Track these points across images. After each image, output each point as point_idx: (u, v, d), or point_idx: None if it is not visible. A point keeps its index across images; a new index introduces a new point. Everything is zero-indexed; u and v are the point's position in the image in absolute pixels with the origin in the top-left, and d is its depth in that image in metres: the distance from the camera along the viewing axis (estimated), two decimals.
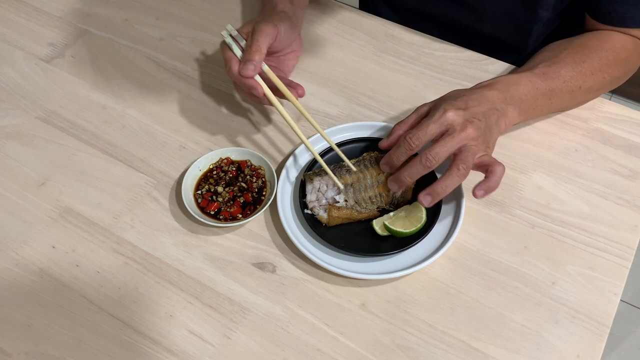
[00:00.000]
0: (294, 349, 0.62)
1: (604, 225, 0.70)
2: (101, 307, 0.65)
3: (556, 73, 0.73)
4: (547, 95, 0.73)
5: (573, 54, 0.75)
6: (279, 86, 0.71)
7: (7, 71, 0.88)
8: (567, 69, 0.74)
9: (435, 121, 0.64)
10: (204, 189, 0.73)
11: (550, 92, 0.73)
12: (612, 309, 0.64)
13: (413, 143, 0.65)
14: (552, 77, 0.73)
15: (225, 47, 0.71)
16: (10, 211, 0.73)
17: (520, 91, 0.71)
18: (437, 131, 0.64)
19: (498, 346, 0.62)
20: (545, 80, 0.73)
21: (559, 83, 0.73)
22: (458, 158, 0.64)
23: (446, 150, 0.64)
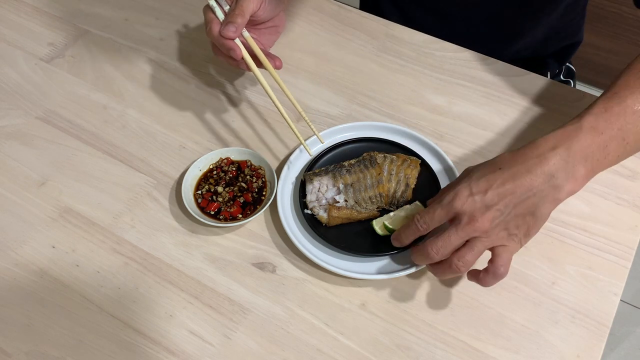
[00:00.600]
0: (294, 349, 0.62)
1: (604, 225, 0.70)
2: (101, 307, 0.65)
3: (621, 104, 0.59)
4: (618, 137, 0.58)
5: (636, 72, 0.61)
6: (258, 54, 0.71)
7: (7, 71, 0.88)
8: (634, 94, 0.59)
9: (443, 206, 0.58)
10: (204, 189, 0.73)
11: (621, 131, 0.58)
12: (612, 309, 0.64)
13: (421, 226, 0.60)
14: (617, 112, 0.59)
15: (208, 9, 0.71)
16: (10, 211, 0.73)
17: (582, 144, 0.57)
18: (444, 217, 0.59)
19: (498, 346, 0.62)
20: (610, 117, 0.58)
21: (628, 116, 0.59)
22: (458, 251, 0.58)
23: (449, 245, 0.58)
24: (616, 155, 0.59)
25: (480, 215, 0.56)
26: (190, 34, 0.92)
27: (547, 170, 0.56)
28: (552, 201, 0.57)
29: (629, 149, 0.60)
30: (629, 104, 0.59)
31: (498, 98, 0.82)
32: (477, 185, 0.57)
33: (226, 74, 0.87)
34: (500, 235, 0.57)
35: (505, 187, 0.56)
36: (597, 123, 0.58)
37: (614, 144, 0.58)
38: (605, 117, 0.58)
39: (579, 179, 0.57)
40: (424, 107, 0.82)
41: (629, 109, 0.59)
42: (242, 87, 0.85)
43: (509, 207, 0.56)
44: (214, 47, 0.73)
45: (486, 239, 0.57)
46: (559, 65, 1.04)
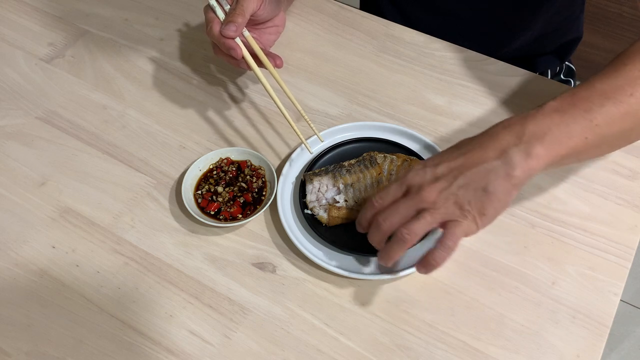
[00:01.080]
0: (294, 349, 0.62)
1: (604, 225, 0.70)
2: (101, 307, 0.65)
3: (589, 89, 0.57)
4: (583, 118, 0.55)
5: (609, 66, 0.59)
6: (258, 53, 0.71)
7: (7, 71, 0.88)
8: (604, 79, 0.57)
9: (396, 181, 0.58)
10: (204, 189, 0.73)
11: (587, 112, 0.55)
12: (612, 309, 0.64)
13: (376, 202, 0.59)
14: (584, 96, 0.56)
15: (208, 9, 0.72)
16: (10, 211, 0.73)
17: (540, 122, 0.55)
18: (398, 191, 0.58)
19: (498, 346, 0.62)
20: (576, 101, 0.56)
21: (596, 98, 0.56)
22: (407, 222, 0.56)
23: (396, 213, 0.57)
24: (583, 137, 0.55)
25: (427, 185, 0.55)
26: (190, 34, 0.92)
27: (498, 145, 0.55)
28: (504, 177, 0.54)
29: (602, 135, 0.56)
30: (597, 87, 0.56)
31: (498, 98, 0.82)
32: (431, 161, 0.57)
33: (226, 74, 0.87)
34: (450, 209, 0.55)
35: (456, 160, 0.56)
36: (561, 105, 0.56)
37: (579, 125, 0.55)
38: (570, 100, 0.56)
39: (536, 157, 0.54)
40: (424, 107, 0.82)
41: (597, 92, 0.56)
42: (242, 87, 0.85)
43: (458, 180, 0.55)
44: (214, 47, 0.74)
45: (435, 211, 0.55)
46: (560, 63, 1.04)
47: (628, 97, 0.56)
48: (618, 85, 0.56)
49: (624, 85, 0.56)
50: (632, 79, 0.57)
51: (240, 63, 0.72)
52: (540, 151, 0.54)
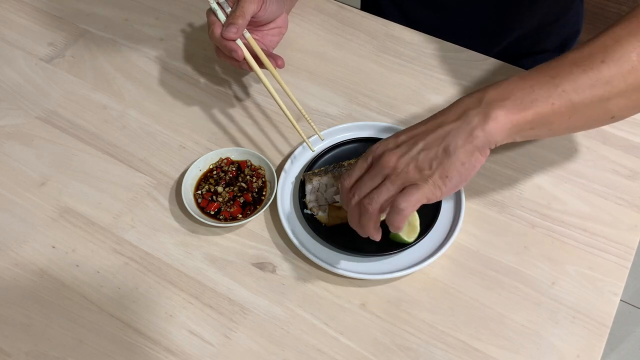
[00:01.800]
0: (294, 349, 0.62)
1: (604, 225, 0.70)
2: (101, 307, 0.65)
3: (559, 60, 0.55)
4: (549, 83, 0.53)
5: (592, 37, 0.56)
6: (259, 54, 0.72)
7: (7, 71, 0.88)
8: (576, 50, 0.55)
9: (363, 155, 0.59)
10: (204, 189, 0.73)
11: (553, 78, 0.54)
12: (612, 309, 0.64)
13: (345, 181, 0.59)
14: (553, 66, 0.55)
15: (210, 12, 0.72)
16: (10, 211, 0.73)
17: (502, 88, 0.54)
18: (363, 164, 0.58)
19: (498, 346, 0.62)
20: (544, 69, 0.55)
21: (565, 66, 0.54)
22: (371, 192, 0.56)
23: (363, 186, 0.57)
24: (549, 102, 0.53)
25: (388, 152, 0.56)
26: (190, 34, 0.92)
27: (459, 110, 0.55)
28: (465, 138, 0.53)
29: (569, 99, 0.53)
30: (568, 57, 0.54)
31: None
32: (394, 135, 0.58)
33: (226, 74, 0.87)
34: (411, 174, 0.54)
35: (418, 128, 0.57)
36: (527, 73, 0.55)
37: (544, 90, 0.53)
38: (537, 69, 0.55)
39: (495, 119, 0.53)
40: (424, 107, 0.82)
41: (567, 60, 0.54)
42: (242, 87, 0.85)
43: (418, 144, 0.55)
44: (217, 49, 0.74)
45: (396, 177, 0.55)
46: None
47: (599, 64, 0.53)
48: (589, 52, 0.54)
49: (595, 53, 0.54)
50: (604, 46, 0.54)
51: (242, 64, 0.72)
52: (500, 113, 0.53)
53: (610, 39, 0.54)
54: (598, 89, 0.54)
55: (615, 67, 0.53)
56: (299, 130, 0.72)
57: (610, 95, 0.54)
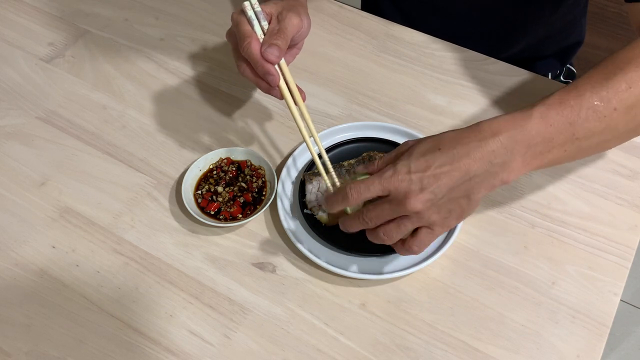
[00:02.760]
0: (294, 349, 0.62)
1: (604, 225, 0.70)
2: (101, 307, 0.65)
3: (578, 98, 0.56)
4: (567, 132, 0.56)
5: (602, 68, 0.58)
6: (290, 83, 0.67)
7: (7, 71, 0.88)
8: (594, 88, 0.56)
9: (381, 181, 0.56)
10: (204, 189, 0.73)
11: (571, 125, 0.55)
12: (612, 309, 0.64)
13: (351, 195, 0.57)
14: (572, 105, 0.56)
15: (244, 19, 0.65)
16: (10, 211, 0.73)
17: (528, 132, 0.55)
18: (379, 192, 0.57)
19: (498, 346, 0.62)
20: (563, 110, 0.56)
21: (582, 111, 0.56)
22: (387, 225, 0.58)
23: (381, 219, 0.57)
24: (562, 150, 0.57)
25: (414, 196, 0.55)
26: (190, 34, 0.92)
27: (486, 156, 0.55)
28: (487, 187, 0.56)
29: (579, 147, 0.57)
30: (586, 97, 0.56)
31: (498, 98, 0.82)
32: (416, 165, 0.56)
33: (226, 74, 0.87)
34: (432, 219, 0.56)
35: (442, 169, 0.55)
36: (548, 113, 0.55)
37: (561, 138, 0.56)
38: (558, 109, 0.56)
39: (515, 169, 0.56)
40: (424, 107, 0.82)
41: (585, 103, 0.56)
42: (242, 87, 0.85)
43: (443, 191, 0.55)
44: (244, 64, 0.66)
45: (417, 220, 0.56)
46: (560, 66, 1.04)
47: (611, 112, 0.56)
48: (605, 97, 0.56)
49: (610, 99, 0.56)
50: (618, 91, 0.56)
51: (272, 90, 0.66)
52: (522, 163, 0.56)
53: (625, 83, 0.56)
54: (606, 135, 0.57)
55: (623, 115, 0.56)
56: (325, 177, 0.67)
57: (612, 138, 0.59)
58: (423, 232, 0.58)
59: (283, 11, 0.67)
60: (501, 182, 0.56)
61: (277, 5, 0.68)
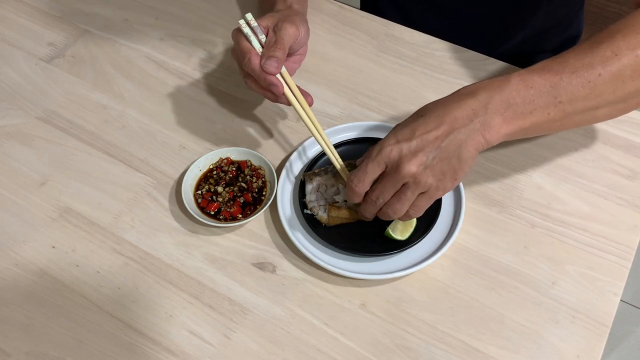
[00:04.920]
0: (294, 349, 0.62)
1: (604, 225, 0.70)
2: (101, 307, 0.65)
3: (562, 64, 0.57)
4: (549, 94, 0.56)
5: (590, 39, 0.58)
6: (293, 89, 0.69)
7: (7, 71, 0.88)
8: (578, 55, 0.57)
9: (372, 159, 0.59)
10: (204, 189, 0.73)
11: (553, 88, 0.56)
12: (612, 309, 0.64)
13: (356, 186, 0.60)
14: (555, 70, 0.57)
15: (242, 37, 0.68)
16: (10, 211, 0.73)
17: (507, 92, 0.56)
18: (376, 169, 0.59)
19: (498, 346, 0.62)
20: (546, 74, 0.57)
21: (565, 75, 0.56)
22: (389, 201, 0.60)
23: (385, 194, 0.60)
24: (546, 113, 0.57)
25: (407, 160, 0.57)
26: (190, 34, 0.92)
27: (466, 113, 0.57)
28: (474, 145, 0.57)
29: (564, 111, 0.57)
30: (570, 63, 0.57)
31: None
32: (402, 134, 0.58)
33: (226, 74, 0.87)
34: (429, 182, 0.58)
35: (427, 131, 0.57)
36: (529, 76, 0.57)
37: (543, 100, 0.56)
38: (539, 72, 0.57)
39: (495, 127, 0.57)
40: None
41: (568, 68, 0.56)
42: (242, 87, 0.85)
43: (434, 151, 0.57)
44: (249, 79, 0.69)
45: (415, 186, 0.58)
46: None
47: (596, 77, 0.56)
48: (589, 63, 0.56)
49: (595, 64, 0.56)
50: (603, 58, 0.56)
51: (279, 98, 0.69)
52: (502, 122, 0.57)
53: (611, 51, 0.57)
54: (591, 101, 0.58)
55: (609, 82, 0.57)
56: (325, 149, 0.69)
57: (600, 106, 0.59)
58: (421, 198, 0.60)
59: (279, 22, 0.69)
60: (485, 141, 0.57)
61: (273, 18, 0.69)
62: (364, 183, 0.60)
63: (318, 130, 0.69)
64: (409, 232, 0.67)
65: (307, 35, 0.73)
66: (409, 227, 0.67)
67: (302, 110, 0.69)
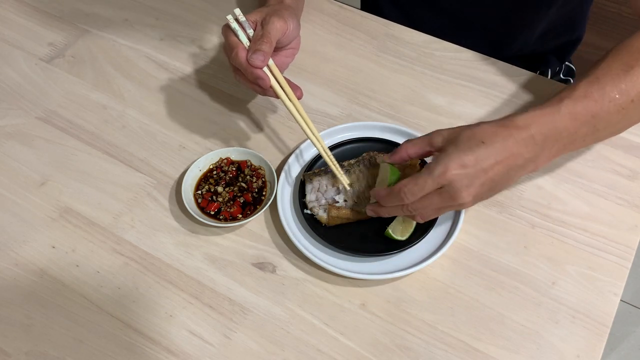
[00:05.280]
0: (294, 349, 0.62)
1: (604, 225, 0.70)
2: (101, 307, 0.65)
3: (600, 91, 0.60)
4: (590, 124, 0.60)
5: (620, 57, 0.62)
6: (282, 83, 0.69)
7: (7, 71, 0.88)
8: (615, 81, 0.60)
9: (434, 178, 0.58)
10: (204, 189, 0.73)
11: (593, 118, 0.60)
12: (612, 309, 0.64)
13: (407, 198, 0.60)
14: (595, 99, 0.60)
15: (230, 32, 0.68)
16: (10, 211, 0.73)
17: (557, 128, 0.59)
18: (432, 188, 0.59)
19: (498, 346, 0.62)
20: (587, 103, 0.59)
21: (604, 104, 0.60)
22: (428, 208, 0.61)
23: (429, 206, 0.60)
24: (583, 140, 0.62)
25: (466, 190, 0.58)
26: (190, 34, 0.92)
27: (522, 151, 0.58)
28: (518, 177, 0.61)
29: (598, 136, 0.63)
30: (607, 91, 0.60)
31: (498, 98, 0.82)
32: (468, 159, 0.58)
33: (226, 74, 0.87)
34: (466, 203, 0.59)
35: (489, 164, 0.58)
36: (575, 109, 0.59)
37: (584, 130, 0.60)
38: (583, 103, 0.60)
39: (542, 161, 0.60)
40: (424, 107, 0.82)
41: (607, 97, 0.60)
42: (242, 87, 0.85)
43: (489, 184, 0.59)
44: (237, 73, 0.70)
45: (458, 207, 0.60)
46: (559, 63, 1.04)
47: (629, 104, 0.60)
48: (625, 90, 0.60)
49: (630, 91, 0.60)
50: (636, 84, 0.60)
51: (267, 92, 0.69)
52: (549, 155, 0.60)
53: None
54: (620, 125, 0.63)
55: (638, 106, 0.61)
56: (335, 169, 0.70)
57: (624, 127, 0.65)
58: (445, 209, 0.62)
59: (266, 17, 0.69)
60: (532, 171, 0.61)
61: (261, 12, 0.70)
62: (415, 196, 0.60)
63: (306, 122, 0.70)
64: (409, 232, 0.67)
65: (297, 29, 0.73)
66: (409, 227, 0.67)
67: (290, 103, 0.69)
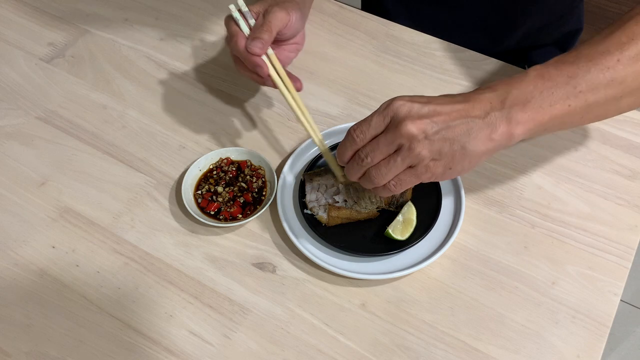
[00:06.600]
0: (294, 349, 0.62)
1: (604, 225, 0.70)
2: (101, 307, 0.65)
3: (576, 55, 0.55)
4: (568, 85, 0.54)
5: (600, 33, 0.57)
6: (281, 72, 0.69)
7: (7, 71, 0.88)
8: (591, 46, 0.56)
9: (379, 112, 0.55)
10: (204, 189, 0.73)
11: (571, 78, 0.54)
12: (612, 309, 0.64)
13: (357, 136, 0.56)
14: (570, 61, 0.55)
15: (232, 21, 0.69)
16: (10, 211, 0.73)
17: (524, 87, 0.54)
18: (381, 124, 0.55)
19: (498, 346, 0.62)
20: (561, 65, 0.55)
21: (581, 64, 0.55)
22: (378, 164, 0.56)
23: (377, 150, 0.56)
24: (566, 104, 0.55)
25: (411, 121, 0.53)
26: (190, 34, 0.92)
27: (483, 106, 0.54)
28: (485, 139, 0.54)
29: (586, 101, 0.55)
30: (583, 53, 0.55)
31: None
32: (418, 97, 0.55)
33: (226, 74, 0.87)
34: (422, 154, 0.54)
35: (443, 107, 0.54)
36: (546, 70, 0.55)
37: (562, 91, 0.54)
38: (555, 65, 0.55)
39: (518, 122, 0.54)
40: None
41: (584, 57, 0.55)
42: (242, 87, 0.85)
43: (441, 124, 0.53)
44: (237, 62, 0.71)
45: (407, 153, 0.54)
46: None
47: (615, 63, 0.55)
48: (605, 50, 0.55)
49: (611, 50, 0.55)
50: (619, 44, 0.55)
51: (265, 81, 0.70)
52: (521, 117, 0.54)
53: (626, 36, 0.55)
54: (613, 89, 0.55)
55: (630, 66, 0.55)
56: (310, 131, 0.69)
57: (623, 94, 0.56)
58: (408, 172, 0.56)
59: (269, 7, 0.69)
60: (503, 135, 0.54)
61: (265, 3, 0.70)
62: (365, 135, 0.56)
63: (303, 113, 0.69)
64: (409, 232, 0.67)
65: (300, 22, 0.73)
66: (409, 227, 0.67)
67: (288, 94, 0.69)
